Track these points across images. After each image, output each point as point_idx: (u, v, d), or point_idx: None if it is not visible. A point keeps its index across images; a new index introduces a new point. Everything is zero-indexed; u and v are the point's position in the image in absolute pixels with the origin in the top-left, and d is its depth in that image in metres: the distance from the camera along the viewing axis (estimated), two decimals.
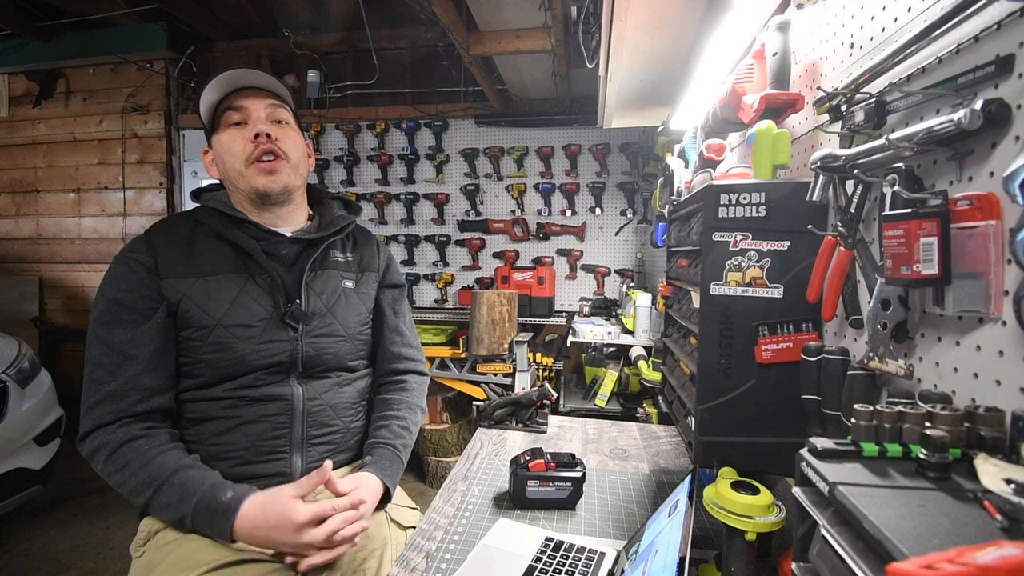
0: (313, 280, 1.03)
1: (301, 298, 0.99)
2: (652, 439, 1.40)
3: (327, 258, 1.07)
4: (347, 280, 1.09)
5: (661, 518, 0.74)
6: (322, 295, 1.03)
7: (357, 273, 1.11)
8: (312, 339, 1.00)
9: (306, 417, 0.99)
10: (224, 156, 0.99)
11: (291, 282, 1.00)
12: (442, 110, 3.41)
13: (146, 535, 0.92)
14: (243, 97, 1.00)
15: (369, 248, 1.17)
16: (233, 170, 0.99)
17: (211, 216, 0.99)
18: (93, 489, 2.83)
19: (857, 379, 0.69)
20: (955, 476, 0.44)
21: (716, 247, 0.86)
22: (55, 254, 3.88)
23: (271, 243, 1.01)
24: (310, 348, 1.00)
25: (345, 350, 1.06)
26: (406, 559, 0.85)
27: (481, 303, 2.93)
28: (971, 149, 0.56)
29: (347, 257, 1.12)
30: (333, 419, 1.03)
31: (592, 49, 1.91)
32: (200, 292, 0.93)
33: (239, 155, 0.98)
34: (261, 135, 0.97)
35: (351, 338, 1.07)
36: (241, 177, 0.98)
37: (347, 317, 1.06)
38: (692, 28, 1.19)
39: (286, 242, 1.02)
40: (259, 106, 1.00)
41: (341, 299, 1.06)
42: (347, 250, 1.12)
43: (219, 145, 1.00)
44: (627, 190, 3.24)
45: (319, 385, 1.02)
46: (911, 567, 0.31)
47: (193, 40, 3.64)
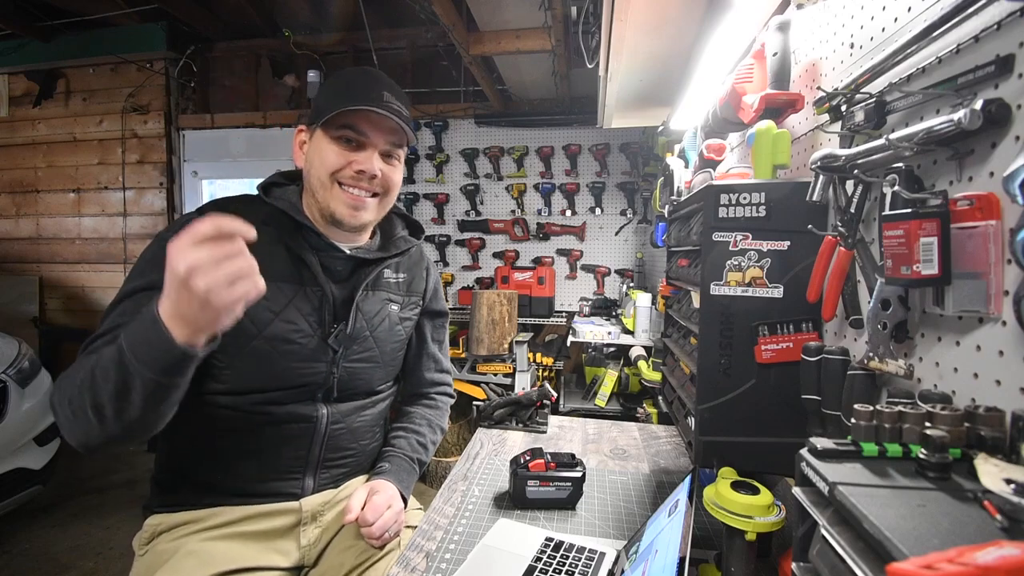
0: (363, 301, 0.98)
1: (349, 320, 0.95)
2: (652, 439, 1.40)
3: (380, 279, 1.02)
4: (393, 304, 1.04)
5: (661, 518, 0.74)
6: (367, 317, 0.99)
7: (404, 296, 1.07)
8: (349, 363, 0.97)
9: (327, 441, 0.97)
10: (316, 159, 0.91)
11: (341, 301, 0.95)
12: (442, 110, 3.41)
13: (151, 534, 0.92)
14: (369, 121, 0.90)
15: (419, 271, 1.12)
16: (317, 178, 0.91)
17: (277, 219, 0.92)
18: (93, 489, 2.83)
19: (857, 379, 0.69)
20: (955, 476, 0.44)
21: (716, 247, 0.86)
22: (55, 254, 3.88)
23: (329, 256, 0.95)
24: (345, 372, 0.97)
25: (378, 376, 1.03)
26: (406, 559, 0.85)
27: (481, 303, 2.93)
28: (971, 149, 0.56)
29: (398, 278, 1.06)
30: (351, 443, 1.01)
31: (592, 49, 1.91)
32: None
33: (329, 168, 0.90)
34: (367, 174, 0.90)
35: (385, 364, 1.04)
36: (322, 189, 0.91)
37: (387, 343, 1.03)
38: (692, 28, 1.19)
39: (343, 258, 0.97)
40: (380, 139, 0.91)
41: (385, 324, 1.02)
42: (400, 270, 1.07)
43: (318, 144, 0.91)
44: (627, 190, 3.24)
45: (344, 408, 0.99)
46: (911, 567, 0.31)
47: (193, 40, 3.64)
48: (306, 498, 0.97)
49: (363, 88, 0.90)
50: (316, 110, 0.92)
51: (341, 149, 0.90)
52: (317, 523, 0.98)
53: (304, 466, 0.96)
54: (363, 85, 0.91)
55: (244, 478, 0.93)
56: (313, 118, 0.92)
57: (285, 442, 0.94)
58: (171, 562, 0.85)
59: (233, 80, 3.79)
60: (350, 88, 0.90)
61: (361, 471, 1.07)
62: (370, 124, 0.90)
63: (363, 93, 0.89)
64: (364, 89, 0.90)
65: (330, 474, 1.00)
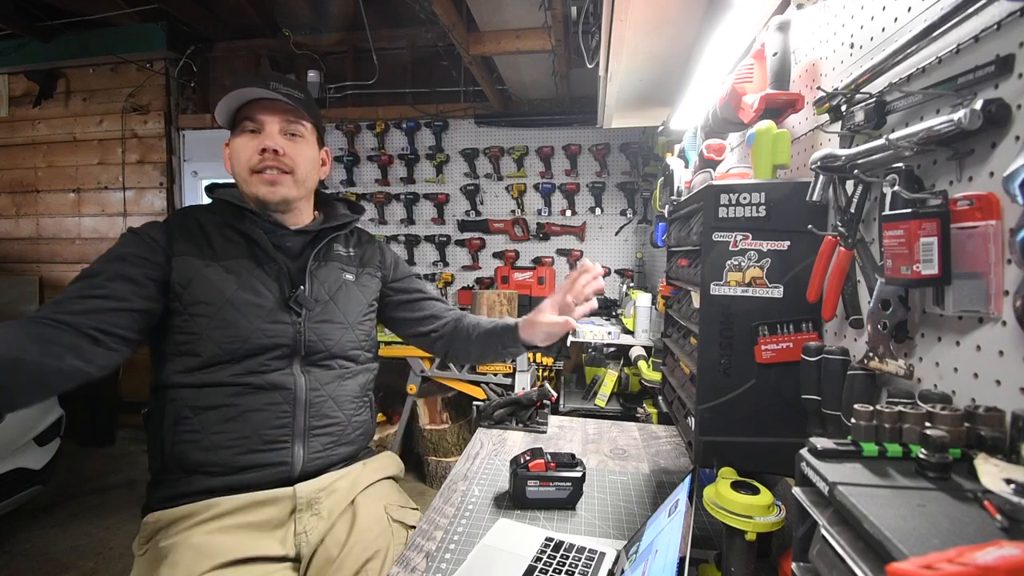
0: (316, 270, 1.08)
1: (304, 285, 1.04)
2: (652, 439, 1.40)
3: (330, 251, 1.13)
4: (347, 273, 1.14)
5: (661, 518, 0.74)
6: (324, 284, 1.08)
7: (358, 268, 1.17)
8: (314, 324, 1.04)
9: (308, 407, 1.01)
10: (234, 159, 1.04)
11: (296, 271, 1.06)
12: (442, 110, 3.41)
13: (149, 533, 0.93)
14: (261, 109, 1.02)
15: (371, 247, 1.23)
16: (238, 175, 1.04)
17: (224, 208, 1.05)
18: (93, 489, 2.84)
19: (857, 379, 0.69)
20: (955, 476, 0.44)
21: (716, 247, 0.86)
22: (55, 254, 3.88)
23: (278, 235, 1.06)
24: (312, 333, 1.03)
25: (346, 338, 1.09)
26: (406, 559, 0.85)
27: (481, 303, 2.93)
28: (971, 149, 0.56)
29: (349, 252, 1.17)
30: (335, 411, 1.05)
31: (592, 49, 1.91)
32: (214, 272, 0.98)
33: (245, 163, 1.02)
34: (268, 150, 1.01)
35: (352, 327, 1.11)
36: (245, 183, 1.04)
37: (347, 306, 1.11)
38: (692, 28, 1.19)
39: (291, 235, 1.08)
40: (274, 120, 1.03)
41: (342, 289, 1.11)
42: (350, 246, 1.18)
43: (232, 147, 1.05)
44: (627, 190, 3.24)
45: (321, 375, 1.04)
46: (911, 567, 0.31)
47: (193, 40, 3.64)
48: (300, 484, 0.98)
49: (248, 83, 1.01)
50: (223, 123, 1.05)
51: (248, 139, 1.02)
52: (312, 511, 0.98)
53: (291, 435, 0.99)
54: (247, 82, 1.01)
55: (233, 451, 0.95)
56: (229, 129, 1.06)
57: (267, 411, 0.98)
58: (171, 557, 0.86)
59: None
60: (237, 86, 1.01)
61: (350, 443, 1.09)
62: (263, 110, 1.02)
63: (249, 86, 1.00)
64: (249, 83, 1.01)
65: (318, 442, 1.02)
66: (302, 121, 1.06)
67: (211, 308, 0.96)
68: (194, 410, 0.95)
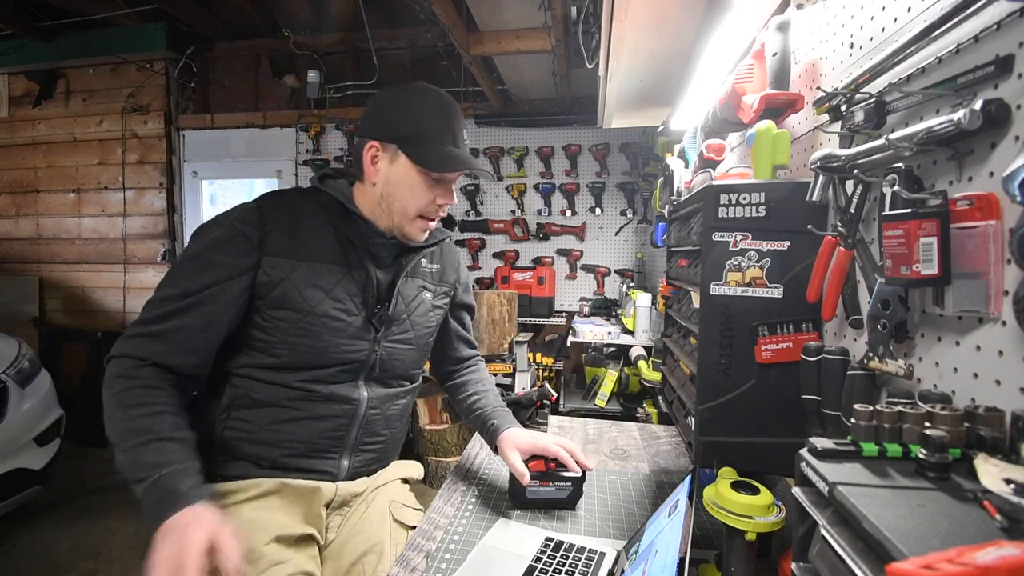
0: (403, 286, 1.05)
1: (391, 302, 1.02)
2: (652, 439, 1.40)
3: (418, 266, 1.09)
4: (427, 291, 1.11)
5: (661, 518, 0.74)
6: (407, 301, 1.06)
7: (436, 285, 1.13)
8: (388, 343, 1.02)
9: (363, 424, 1.01)
10: (404, 190, 0.97)
11: (384, 284, 1.03)
12: None
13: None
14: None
15: (451, 263, 1.18)
16: (402, 207, 0.98)
17: (332, 205, 1.00)
18: (93, 489, 2.84)
19: (857, 379, 0.69)
20: (955, 476, 0.44)
21: (716, 247, 0.86)
22: (55, 254, 3.88)
23: (374, 243, 1.02)
24: (385, 352, 1.02)
25: (411, 359, 1.08)
26: (406, 559, 0.85)
27: (481, 303, 2.93)
28: (971, 149, 0.56)
29: (432, 268, 1.13)
30: (384, 429, 1.06)
31: (592, 49, 1.92)
32: (302, 276, 0.94)
33: (418, 206, 0.98)
34: (445, 206, 1.01)
35: (419, 348, 1.10)
36: (404, 218, 0.99)
37: (421, 327, 1.09)
38: (692, 28, 1.19)
39: (387, 244, 1.03)
40: (456, 176, 1.02)
41: (420, 308, 1.08)
42: (434, 260, 1.14)
43: (405, 173, 0.96)
44: (627, 190, 3.24)
45: (382, 393, 1.04)
46: (911, 567, 0.31)
47: (193, 40, 3.64)
48: (342, 482, 1.00)
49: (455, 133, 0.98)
50: (397, 133, 0.96)
51: (430, 186, 0.97)
52: (341, 511, 1.02)
53: (341, 447, 1.00)
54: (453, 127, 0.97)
55: (283, 452, 0.96)
56: (392, 138, 0.96)
57: (326, 421, 0.97)
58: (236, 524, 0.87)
59: (233, 80, 3.79)
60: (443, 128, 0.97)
61: (387, 458, 1.11)
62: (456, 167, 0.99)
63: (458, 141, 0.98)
64: (457, 135, 0.98)
65: (363, 457, 1.03)
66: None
67: (294, 316, 0.93)
68: (253, 402, 0.95)
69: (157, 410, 0.85)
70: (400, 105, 0.97)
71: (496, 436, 1.07)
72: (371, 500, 1.04)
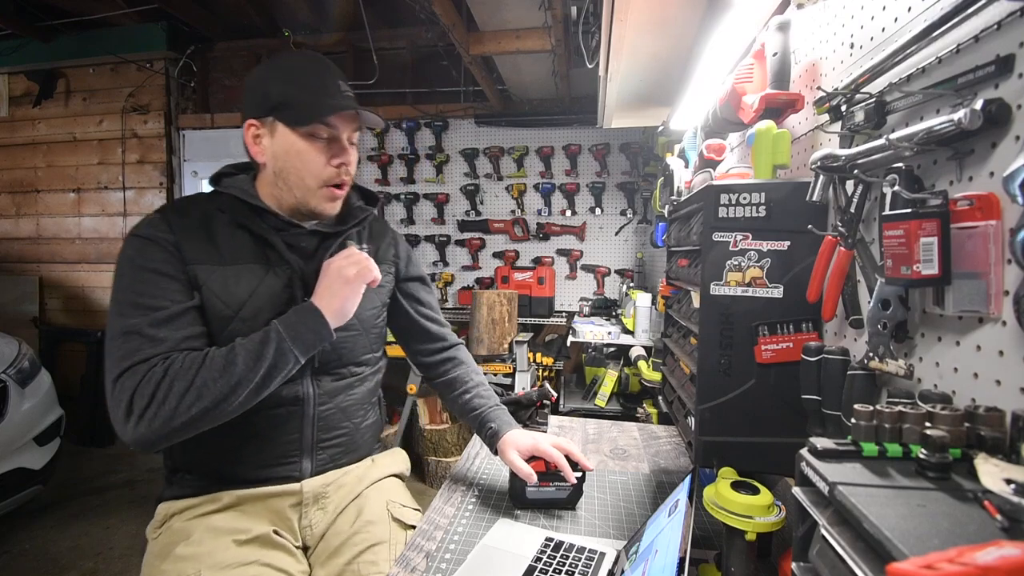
0: None
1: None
2: (652, 439, 1.40)
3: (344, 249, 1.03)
4: None
5: (661, 518, 0.74)
6: None
7: None
8: None
9: (316, 422, 0.98)
10: (295, 162, 0.93)
11: (310, 274, 0.97)
12: (442, 110, 3.41)
13: (163, 518, 0.95)
14: (339, 117, 0.93)
15: (385, 240, 1.15)
16: (300, 181, 0.94)
17: (231, 204, 0.95)
18: (93, 489, 2.84)
19: (857, 379, 0.69)
20: (955, 476, 0.44)
21: (716, 247, 0.86)
22: (55, 254, 3.88)
23: (291, 235, 0.98)
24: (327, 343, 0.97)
25: (360, 344, 1.05)
26: (406, 559, 0.85)
27: (481, 303, 2.93)
28: (971, 149, 0.56)
29: (363, 248, 1.07)
30: (343, 422, 1.03)
31: (592, 49, 1.92)
32: (219, 282, 0.90)
33: (317, 174, 0.93)
34: (345, 167, 0.95)
35: (366, 331, 1.06)
36: (306, 192, 0.94)
37: (363, 310, 1.03)
38: (692, 28, 1.19)
39: (306, 234, 0.99)
40: (347, 129, 0.95)
41: None
42: (363, 240, 1.09)
43: (289, 144, 0.92)
44: (627, 190, 3.24)
45: (332, 386, 1.00)
46: (911, 567, 0.31)
47: (193, 40, 3.64)
48: (307, 481, 0.99)
49: (326, 84, 0.92)
50: (270, 104, 0.91)
51: (319, 149, 0.92)
52: (319, 505, 1.00)
53: (299, 449, 0.98)
54: (322, 79, 0.92)
55: (244, 466, 0.95)
56: (267, 111, 0.92)
57: (277, 427, 0.95)
58: (191, 536, 0.88)
59: (233, 80, 3.79)
60: (313, 86, 0.91)
61: (358, 449, 1.08)
62: (339, 119, 0.93)
63: (330, 90, 0.92)
64: (328, 86, 0.92)
65: (327, 454, 1.01)
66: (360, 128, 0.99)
67: (220, 324, 0.89)
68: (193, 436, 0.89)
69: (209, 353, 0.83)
70: (267, 77, 0.93)
71: (496, 440, 1.05)
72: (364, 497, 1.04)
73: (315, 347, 0.89)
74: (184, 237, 0.90)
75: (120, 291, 0.85)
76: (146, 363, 0.81)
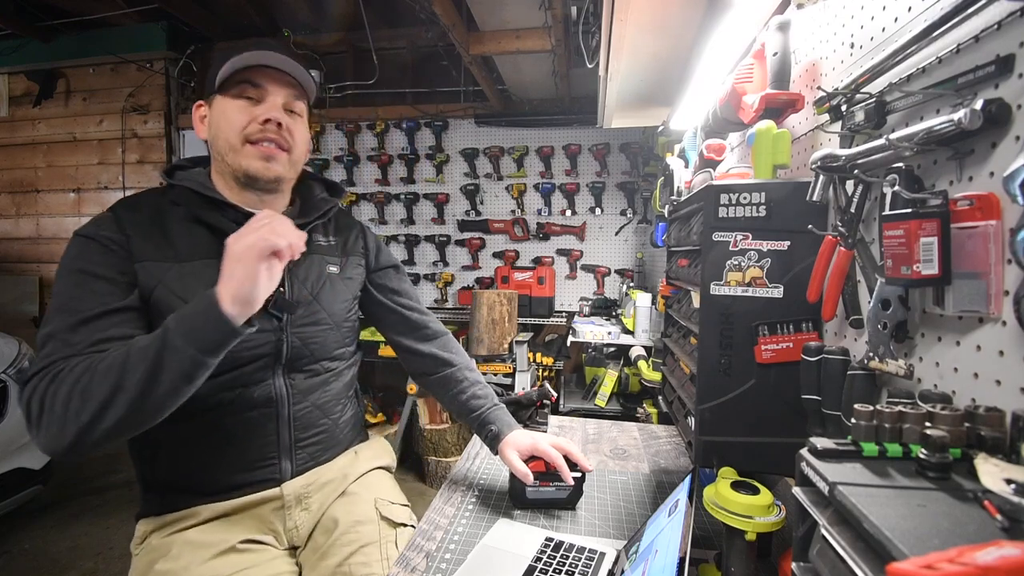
0: (296, 267, 0.97)
1: (284, 286, 0.94)
2: (652, 439, 1.40)
3: (310, 243, 1.00)
4: (331, 265, 1.04)
5: (661, 518, 0.74)
6: (306, 282, 0.98)
7: (341, 257, 1.07)
8: (297, 328, 0.96)
9: (293, 422, 0.96)
10: (221, 123, 0.90)
11: None
12: (442, 110, 3.41)
13: (143, 534, 0.93)
14: (266, 76, 0.91)
15: (352, 232, 1.12)
16: (226, 142, 0.90)
17: (186, 197, 0.91)
18: (93, 489, 2.83)
19: (857, 379, 0.69)
20: (955, 476, 0.44)
21: (716, 247, 0.86)
22: (55, 254, 3.87)
23: None
24: (296, 338, 0.95)
25: (332, 339, 1.02)
26: (406, 559, 0.85)
27: (481, 303, 2.93)
28: (971, 149, 0.56)
29: (330, 241, 1.06)
30: (320, 419, 1.01)
31: (592, 49, 1.92)
32: (176, 279, 0.86)
33: (238, 129, 0.90)
34: (272, 121, 0.90)
35: (337, 326, 1.03)
36: (232, 152, 0.90)
37: (333, 304, 1.02)
38: (692, 28, 1.19)
39: None
40: (280, 92, 0.92)
41: (326, 285, 1.01)
42: (329, 233, 1.07)
43: (220, 109, 0.91)
44: (627, 190, 3.24)
45: (305, 384, 0.98)
46: (911, 567, 0.31)
47: (193, 40, 3.64)
48: (287, 482, 0.97)
49: (253, 47, 0.90)
50: (209, 80, 0.92)
51: (244, 105, 0.90)
52: (302, 506, 0.99)
53: (277, 451, 0.96)
54: (252, 46, 0.91)
55: (222, 472, 0.93)
56: (209, 89, 0.92)
57: (251, 430, 0.93)
58: (170, 552, 0.87)
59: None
60: (240, 50, 0.90)
61: (337, 445, 1.06)
62: (267, 77, 0.91)
63: (254, 50, 0.90)
64: (254, 47, 0.90)
65: (306, 453, 0.99)
66: (303, 98, 0.96)
67: None
68: (177, 433, 0.88)
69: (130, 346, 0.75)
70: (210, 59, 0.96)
71: (497, 442, 1.04)
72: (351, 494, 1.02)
73: (220, 342, 0.75)
74: (136, 234, 0.86)
75: (53, 295, 0.82)
76: (48, 367, 0.75)
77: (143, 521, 0.94)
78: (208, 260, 0.88)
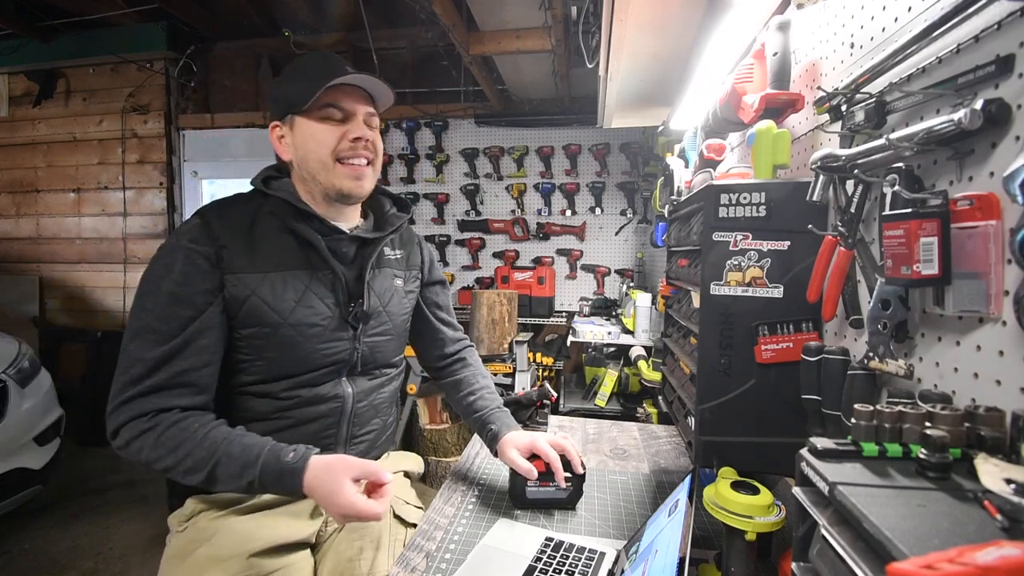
0: (372, 279, 1.03)
1: (364, 297, 1.00)
2: (652, 439, 1.40)
3: (382, 256, 1.07)
4: (398, 278, 1.10)
5: (661, 518, 0.74)
6: (380, 294, 1.05)
7: (405, 271, 1.13)
8: (368, 338, 1.02)
9: (353, 418, 1.01)
10: (310, 144, 0.94)
11: (352, 281, 1.00)
12: (442, 110, 3.41)
13: (191, 512, 0.94)
14: (345, 94, 0.95)
15: (412, 246, 1.18)
16: (318, 162, 0.94)
17: (280, 207, 0.95)
18: (93, 489, 2.83)
19: (857, 379, 0.69)
20: (955, 476, 0.44)
21: (716, 247, 0.86)
22: (55, 254, 3.87)
23: (333, 240, 0.98)
24: (366, 347, 1.01)
25: (392, 347, 1.08)
26: (406, 559, 0.85)
27: (481, 303, 2.93)
28: (971, 149, 0.56)
29: (396, 255, 1.12)
30: (374, 418, 1.06)
31: (592, 49, 1.92)
32: (268, 289, 0.91)
33: (329, 147, 0.94)
34: (362, 140, 0.95)
35: (399, 336, 1.10)
36: (325, 171, 0.95)
37: (397, 316, 1.09)
38: (692, 28, 1.19)
39: (346, 240, 1.00)
40: (361, 111, 0.97)
41: (394, 298, 1.08)
42: (396, 247, 1.12)
43: (307, 132, 0.94)
44: (627, 190, 3.24)
45: (367, 385, 1.04)
46: (911, 567, 0.31)
47: (193, 40, 3.64)
48: None
49: (330, 68, 0.93)
50: (287, 101, 0.95)
51: (332, 127, 0.94)
52: None
53: (334, 444, 1.00)
54: (327, 66, 0.94)
55: None
56: (286, 109, 0.96)
57: (316, 423, 0.97)
58: (214, 539, 0.89)
59: (233, 80, 3.79)
60: (318, 72, 0.93)
61: (380, 447, 1.11)
62: (348, 97, 0.95)
63: (333, 72, 0.93)
64: (331, 69, 0.93)
65: (356, 449, 1.04)
66: (378, 115, 1.01)
67: (267, 331, 0.90)
68: (244, 420, 0.92)
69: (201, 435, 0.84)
70: (281, 79, 0.99)
71: (496, 442, 1.06)
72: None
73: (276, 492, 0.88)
74: (230, 245, 0.90)
75: (141, 307, 0.87)
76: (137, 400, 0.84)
77: (194, 498, 0.95)
78: (294, 271, 0.94)
